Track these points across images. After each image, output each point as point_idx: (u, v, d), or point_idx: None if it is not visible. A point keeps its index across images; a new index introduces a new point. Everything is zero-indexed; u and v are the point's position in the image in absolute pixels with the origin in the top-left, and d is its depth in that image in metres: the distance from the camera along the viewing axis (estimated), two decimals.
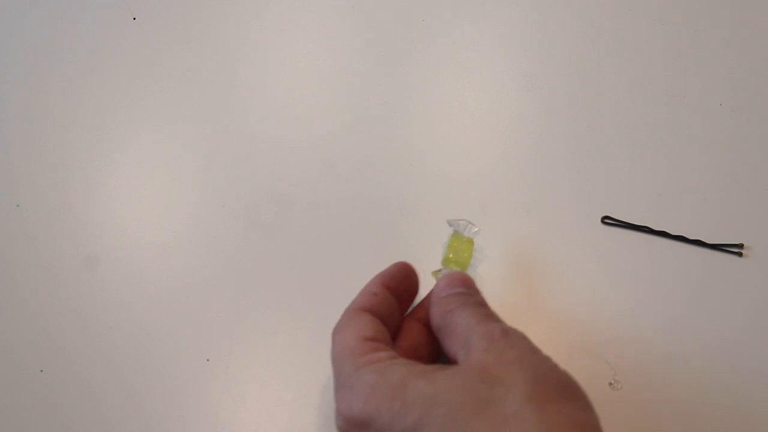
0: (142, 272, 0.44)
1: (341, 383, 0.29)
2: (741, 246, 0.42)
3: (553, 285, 0.42)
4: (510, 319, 0.31)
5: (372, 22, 0.53)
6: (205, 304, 0.43)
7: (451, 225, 0.39)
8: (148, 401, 0.40)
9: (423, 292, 0.37)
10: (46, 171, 0.49)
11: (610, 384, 0.38)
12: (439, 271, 0.39)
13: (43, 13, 0.55)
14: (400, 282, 0.35)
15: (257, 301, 0.43)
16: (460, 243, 0.39)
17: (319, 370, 0.40)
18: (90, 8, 0.55)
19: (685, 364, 0.39)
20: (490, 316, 0.31)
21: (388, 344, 0.31)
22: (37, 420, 0.40)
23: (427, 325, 0.34)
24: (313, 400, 0.39)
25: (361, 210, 0.45)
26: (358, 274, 0.43)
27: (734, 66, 0.49)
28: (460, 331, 0.30)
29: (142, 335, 0.42)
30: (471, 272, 0.40)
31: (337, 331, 0.32)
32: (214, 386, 0.40)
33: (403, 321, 0.35)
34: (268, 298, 0.43)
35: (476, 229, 0.39)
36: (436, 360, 0.34)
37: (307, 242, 0.45)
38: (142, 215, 0.47)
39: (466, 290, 0.33)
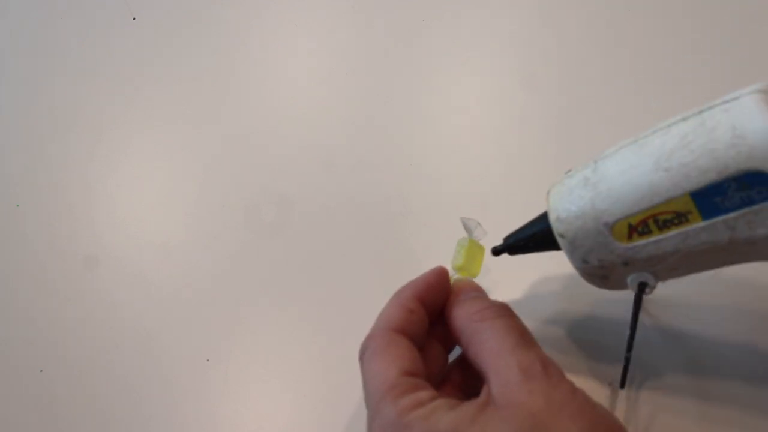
0: (142, 272, 0.44)
1: (382, 427, 0.28)
2: None
3: (552, 285, 0.42)
4: None
5: (372, 22, 0.53)
6: (205, 304, 0.43)
7: (464, 225, 0.39)
8: (148, 401, 0.40)
9: None
10: (45, 171, 0.49)
11: (610, 384, 0.38)
12: (452, 277, 0.38)
13: (43, 13, 0.55)
14: (435, 297, 0.33)
15: (257, 301, 0.43)
16: (473, 250, 0.38)
17: (319, 370, 0.40)
18: (90, 8, 0.55)
19: (685, 364, 0.39)
20: (523, 337, 0.30)
21: (423, 376, 0.30)
22: (37, 420, 0.40)
23: (439, 339, 0.33)
24: (313, 400, 0.39)
25: (362, 210, 0.45)
26: (359, 273, 0.43)
27: (736, 67, 0.49)
28: (491, 347, 0.29)
29: (142, 335, 0.42)
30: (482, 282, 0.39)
31: (373, 353, 0.30)
32: (214, 386, 0.40)
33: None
34: (269, 298, 0.43)
35: (484, 231, 0.38)
36: (443, 374, 0.34)
37: (307, 242, 0.45)
38: (142, 215, 0.47)
39: (482, 295, 0.33)
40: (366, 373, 0.30)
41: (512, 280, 0.42)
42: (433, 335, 0.33)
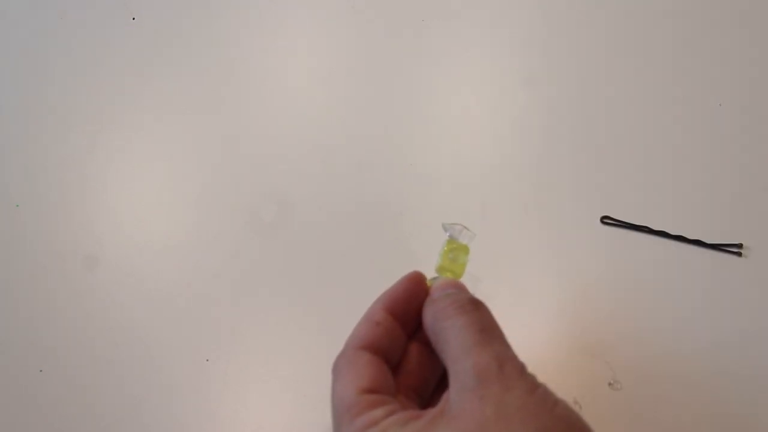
0: (141, 272, 0.44)
1: None
2: (740, 246, 0.42)
3: (553, 285, 0.42)
4: (510, 319, 0.31)
5: (372, 23, 0.53)
6: (205, 304, 0.43)
7: (446, 230, 0.38)
8: (148, 401, 0.40)
9: None
10: (45, 171, 0.49)
11: (610, 384, 0.38)
12: (434, 279, 0.37)
13: (43, 13, 0.55)
14: (407, 304, 0.32)
15: (257, 301, 0.43)
16: (455, 250, 0.38)
17: (319, 370, 0.40)
18: (90, 8, 0.55)
19: (684, 364, 0.39)
20: (482, 333, 0.29)
21: (388, 389, 0.30)
22: (37, 420, 0.40)
23: (427, 345, 0.32)
24: (313, 400, 0.39)
25: (362, 210, 0.45)
26: (358, 273, 0.43)
27: (734, 66, 0.49)
28: (451, 349, 0.29)
29: (141, 335, 0.42)
30: (469, 282, 0.39)
31: (336, 373, 0.30)
32: (214, 386, 0.40)
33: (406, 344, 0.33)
34: (268, 298, 0.43)
35: (471, 235, 0.38)
36: (437, 378, 0.33)
37: (307, 242, 0.45)
38: (142, 216, 0.47)
39: (458, 291, 0.32)
40: (331, 394, 0.30)
41: (505, 284, 0.42)
42: (421, 340, 0.33)
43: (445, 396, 0.28)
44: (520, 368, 0.28)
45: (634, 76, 0.49)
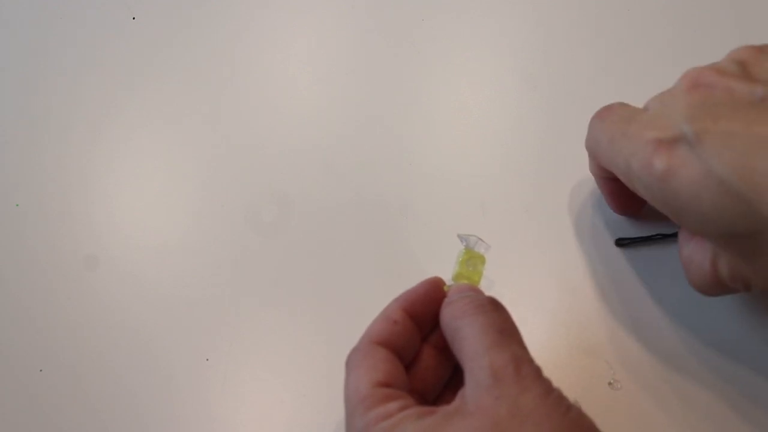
0: (141, 272, 0.44)
1: None
2: None
3: (552, 285, 0.42)
4: None
5: (371, 22, 0.53)
6: (205, 304, 0.43)
7: (462, 240, 0.39)
8: (147, 401, 0.40)
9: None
10: (45, 170, 0.49)
11: (610, 384, 0.38)
12: (451, 286, 0.38)
13: (42, 13, 0.55)
14: (425, 307, 0.33)
15: (257, 301, 0.43)
16: (472, 259, 0.38)
17: (319, 370, 0.40)
18: (89, 8, 0.55)
19: (684, 364, 0.39)
20: (501, 333, 0.29)
21: (402, 385, 0.30)
22: (37, 420, 0.40)
23: (438, 348, 0.33)
24: (312, 399, 0.39)
25: (361, 210, 0.45)
26: (358, 273, 0.43)
27: None
28: (468, 347, 0.29)
29: (141, 335, 0.42)
30: (484, 288, 0.39)
31: (351, 366, 0.31)
32: (214, 386, 0.40)
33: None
34: (268, 298, 0.43)
35: (486, 245, 0.39)
36: (443, 382, 0.34)
37: (307, 242, 0.45)
38: (142, 215, 0.47)
39: (476, 294, 0.33)
40: (344, 385, 0.30)
41: (505, 284, 0.42)
42: (432, 344, 0.33)
43: (460, 393, 0.28)
44: (537, 371, 0.28)
45: (635, 76, 0.49)
